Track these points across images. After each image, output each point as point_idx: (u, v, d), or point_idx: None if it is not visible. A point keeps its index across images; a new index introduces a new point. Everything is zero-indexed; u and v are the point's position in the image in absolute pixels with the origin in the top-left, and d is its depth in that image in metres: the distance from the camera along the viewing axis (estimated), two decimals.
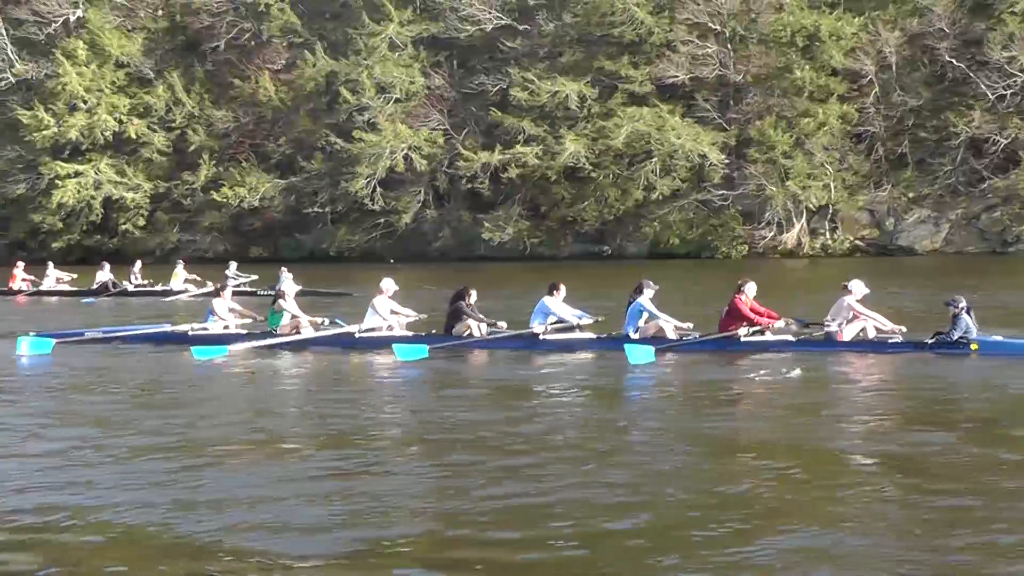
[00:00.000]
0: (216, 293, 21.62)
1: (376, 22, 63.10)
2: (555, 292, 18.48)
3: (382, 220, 62.80)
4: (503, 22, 62.14)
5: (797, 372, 14.58)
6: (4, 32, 69.20)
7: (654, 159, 57.39)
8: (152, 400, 13.66)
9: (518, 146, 59.30)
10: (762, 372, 14.89)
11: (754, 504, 8.15)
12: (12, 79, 69.32)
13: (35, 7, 68.58)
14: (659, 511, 8.00)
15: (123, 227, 67.04)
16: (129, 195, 66.60)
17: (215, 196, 64.18)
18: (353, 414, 12.43)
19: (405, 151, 61.05)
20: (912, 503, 8.03)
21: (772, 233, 57.65)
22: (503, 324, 18.86)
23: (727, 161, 57.77)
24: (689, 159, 57.15)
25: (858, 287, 16.92)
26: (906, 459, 9.63)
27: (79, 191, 66.16)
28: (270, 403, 13.52)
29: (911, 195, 57.77)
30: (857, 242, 57.96)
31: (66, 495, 8.56)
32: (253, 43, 67.59)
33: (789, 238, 57.56)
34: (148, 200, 67.27)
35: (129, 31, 69.94)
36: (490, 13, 61.89)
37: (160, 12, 70.63)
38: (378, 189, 61.78)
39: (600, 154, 58.30)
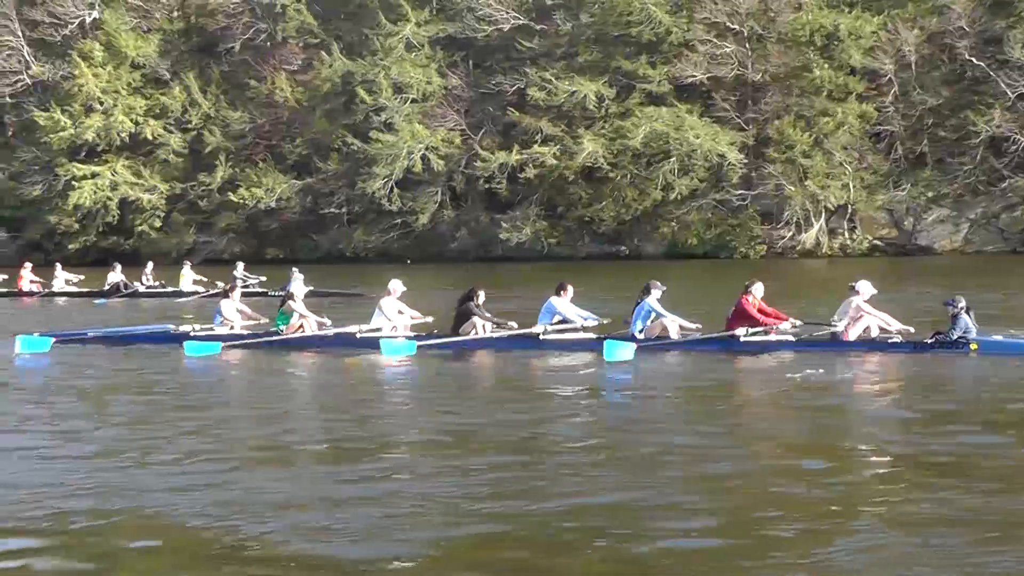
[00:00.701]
0: (225, 294, 21.57)
1: (393, 22, 62.97)
2: (562, 292, 18.52)
3: (399, 221, 62.61)
4: (520, 22, 61.93)
5: (850, 372, 14.77)
6: (20, 34, 69.27)
7: (672, 159, 57.11)
8: (172, 401, 13.56)
9: (536, 146, 59.09)
10: (771, 372, 15.08)
11: (813, 505, 8.00)
12: (28, 80, 69.44)
13: (51, 8, 68.64)
14: (720, 512, 7.86)
15: (139, 228, 66.95)
16: (145, 196, 66.58)
17: (232, 197, 64.07)
18: (372, 414, 12.39)
19: (422, 151, 60.88)
20: (965, 504, 7.91)
21: (791, 233, 57.39)
22: (513, 324, 18.71)
23: (745, 161, 57.50)
24: (708, 159, 56.87)
25: (865, 287, 17.03)
26: (940, 457, 9.56)
27: (95, 192, 66.15)
28: (289, 404, 13.55)
29: (930, 194, 57.46)
30: (876, 242, 57.71)
31: (119, 497, 8.44)
32: (269, 44, 67.44)
33: (808, 238, 57.30)
34: (164, 201, 67.24)
35: (145, 32, 69.92)
36: (507, 13, 61.69)
37: (176, 13, 70.57)
38: (395, 190, 61.60)
39: (618, 154, 58.02)
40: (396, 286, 19.13)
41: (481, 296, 18.78)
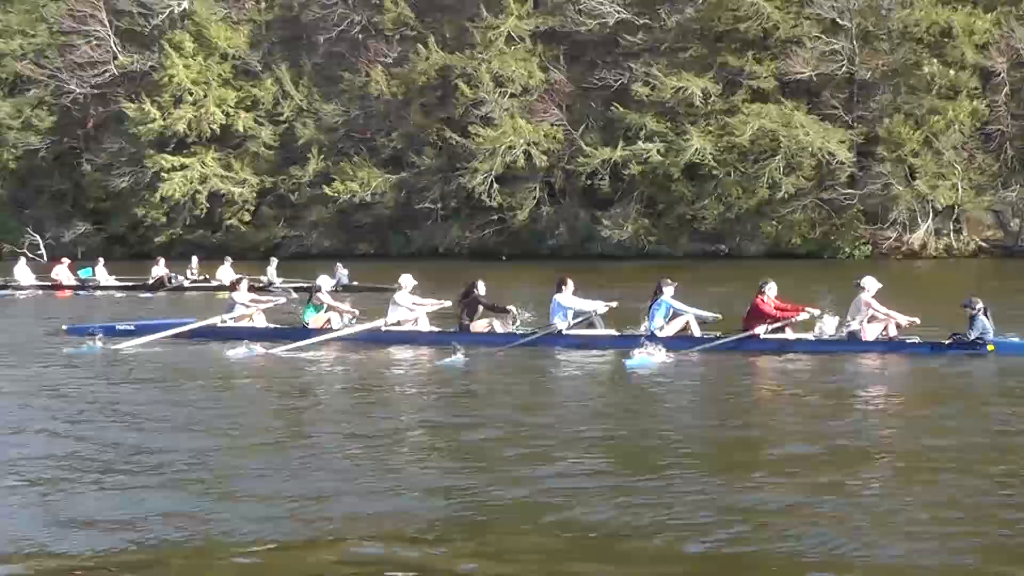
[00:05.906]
0: (232, 287, 22.11)
1: (495, 15, 62.05)
2: (563, 287, 18.93)
3: (495, 216, 61.77)
4: (623, 16, 60.83)
5: (867, 373, 15.30)
6: (108, 23, 68.82)
7: (778, 157, 56.14)
8: (219, 397, 13.79)
9: (640, 142, 58.10)
10: (789, 373, 15.67)
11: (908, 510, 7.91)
12: (115, 71, 68.96)
13: None
14: (737, 512, 7.80)
15: (228, 222, 66.45)
16: (236, 189, 65.98)
17: (326, 191, 63.31)
18: (411, 411, 12.74)
19: (524, 147, 59.98)
20: (979, 499, 8.08)
21: (896, 233, 56.42)
22: (512, 308, 19.39)
23: (854, 159, 56.52)
24: (816, 157, 55.90)
25: (871, 283, 17.36)
26: (950, 454, 9.65)
27: (184, 185, 65.64)
28: (301, 400, 13.71)
29: None
30: (981, 243, 56.75)
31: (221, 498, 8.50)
32: (362, 36, 66.61)
33: (915, 239, 56.34)
34: (254, 195, 66.61)
35: (235, 23, 69.35)
36: (610, 7, 60.65)
37: (264, 4, 69.98)
38: (495, 185, 60.75)
39: (724, 151, 57.06)
40: (406, 281, 19.86)
41: (481, 288, 19.39)
